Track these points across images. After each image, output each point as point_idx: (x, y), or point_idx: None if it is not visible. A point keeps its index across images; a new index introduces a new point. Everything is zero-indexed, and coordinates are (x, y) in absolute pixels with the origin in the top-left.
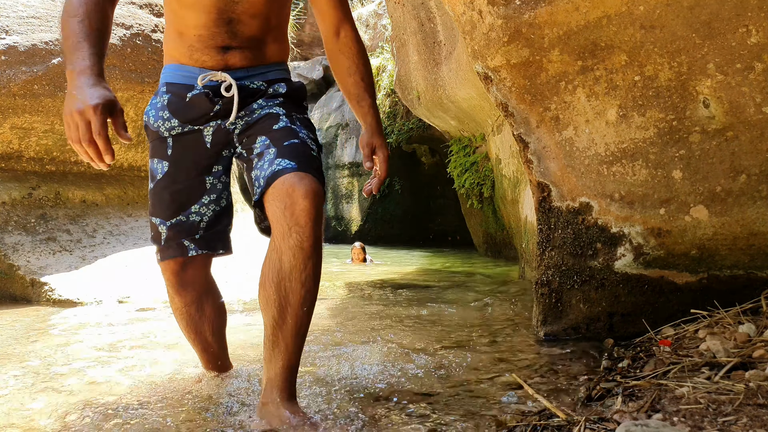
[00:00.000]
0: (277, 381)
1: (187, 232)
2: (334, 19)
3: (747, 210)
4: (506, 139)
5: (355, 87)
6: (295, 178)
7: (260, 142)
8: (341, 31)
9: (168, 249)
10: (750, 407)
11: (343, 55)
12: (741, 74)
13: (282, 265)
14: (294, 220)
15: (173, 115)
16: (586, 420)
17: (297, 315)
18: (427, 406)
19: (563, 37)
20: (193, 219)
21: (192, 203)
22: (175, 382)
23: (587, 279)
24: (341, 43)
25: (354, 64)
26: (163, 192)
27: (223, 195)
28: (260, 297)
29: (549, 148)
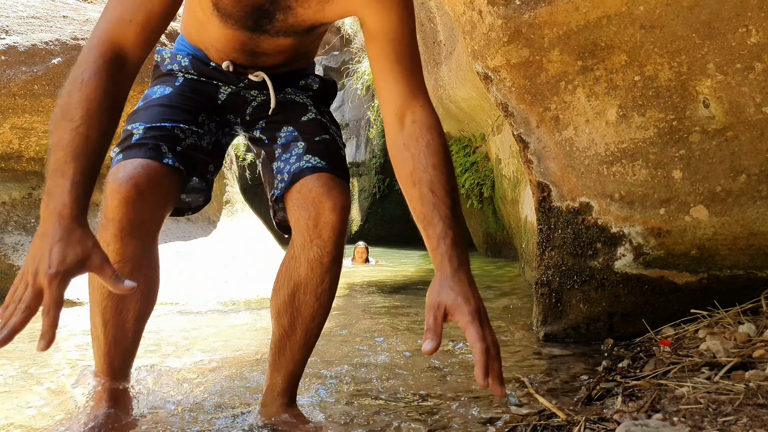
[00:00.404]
0: (280, 387)
1: (167, 138)
2: (398, 96)
3: (747, 210)
4: (506, 139)
5: (422, 203)
6: (324, 187)
7: (286, 132)
8: (407, 114)
9: (139, 149)
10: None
11: (408, 151)
12: (741, 74)
13: (298, 276)
14: (317, 232)
15: (192, 68)
16: (586, 420)
17: (307, 327)
18: (427, 407)
19: (563, 37)
20: (177, 133)
21: (181, 121)
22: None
23: (587, 279)
24: (407, 134)
25: (421, 167)
26: (152, 106)
27: (213, 145)
28: (272, 303)
29: (549, 148)
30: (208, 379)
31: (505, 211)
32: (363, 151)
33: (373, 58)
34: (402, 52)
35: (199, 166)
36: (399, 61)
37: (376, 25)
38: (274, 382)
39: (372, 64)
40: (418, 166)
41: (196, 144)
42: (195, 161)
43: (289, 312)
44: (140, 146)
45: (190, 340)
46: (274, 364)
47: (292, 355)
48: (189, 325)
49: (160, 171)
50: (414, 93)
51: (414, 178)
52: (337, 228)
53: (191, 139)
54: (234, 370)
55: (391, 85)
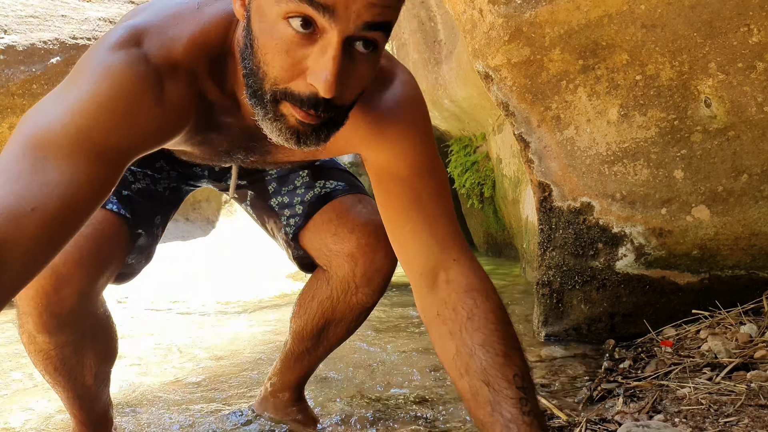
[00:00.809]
0: (292, 384)
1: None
2: (422, 253)
3: (749, 210)
4: (507, 138)
5: (476, 403)
6: (371, 225)
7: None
8: (440, 274)
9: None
10: (752, 408)
11: (444, 325)
12: (743, 73)
13: (333, 314)
14: (366, 280)
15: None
16: (588, 421)
17: (330, 347)
18: (427, 408)
19: (564, 36)
20: (126, 174)
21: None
22: (179, 384)
23: (588, 279)
24: (440, 301)
25: (467, 350)
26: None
27: (170, 191)
28: (295, 324)
29: (550, 148)
30: (208, 380)
31: (506, 211)
32: None
33: (384, 204)
34: (423, 192)
35: (146, 216)
36: (419, 205)
37: (383, 163)
38: (288, 380)
39: (382, 210)
40: (462, 350)
41: (149, 189)
42: (143, 209)
43: (316, 340)
44: None
45: (189, 340)
46: (290, 366)
47: (310, 364)
48: (188, 325)
49: (102, 221)
50: (445, 246)
51: (459, 366)
52: (390, 273)
53: (143, 183)
54: (235, 371)
55: (412, 239)
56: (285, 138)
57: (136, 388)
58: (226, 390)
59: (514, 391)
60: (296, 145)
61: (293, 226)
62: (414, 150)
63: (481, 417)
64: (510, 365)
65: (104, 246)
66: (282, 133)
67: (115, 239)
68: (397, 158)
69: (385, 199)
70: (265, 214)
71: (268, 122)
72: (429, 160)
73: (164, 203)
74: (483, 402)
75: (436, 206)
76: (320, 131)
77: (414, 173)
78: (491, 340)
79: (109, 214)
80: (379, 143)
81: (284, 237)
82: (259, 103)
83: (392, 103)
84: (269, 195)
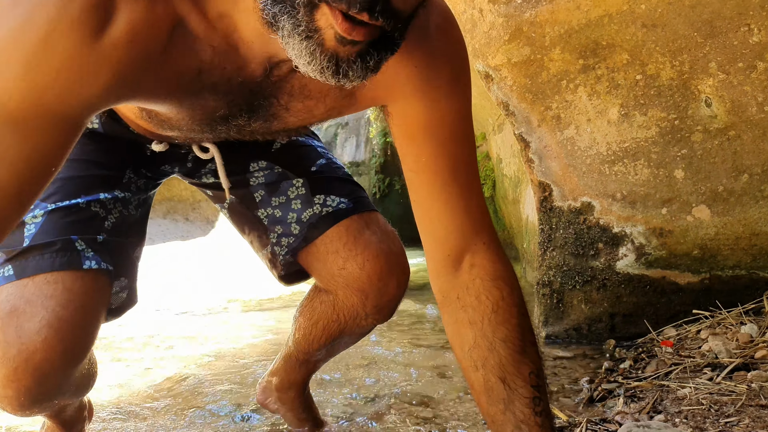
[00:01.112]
0: (297, 382)
1: (82, 224)
2: (453, 232)
3: (749, 210)
4: (507, 138)
5: (489, 399)
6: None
7: (259, 167)
8: (466, 257)
9: (41, 255)
10: (752, 408)
11: (464, 313)
12: (743, 73)
13: (341, 335)
14: (377, 308)
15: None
16: (588, 421)
17: (336, 353)
18: (427, 408)
19: (564, 35)
20: (96, 210)
21: (99, 188)
22: (179, 383)
23: (589, 279)
24: (462, 285)
25: (486, 344)
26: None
27: (140, 204)
28: (299, 341)
29: (550, 148)
30: (208, 380)
31: (506, 211)
32: (363, 151)
33: (414, 169)
34: (459, 160)
35: (126, 255)
36: (456, 175)
37: (421, 121)
38: (295, 379)
39: (411, 178)
40: (481, 342)
41: (122, 217)
42: (122, 249)
43: (322, 354)
44: (42, 249)
45: (189, 340)
46: (296, 367)
47: (315, 365)
48: (187, 325)
49: (80, 286)
50: (477, 227)
51: (475, 358)
52: (401, 297)
53: (115, 214)
54: (235, 371)
55: (446, 214)
56: (319, 66)
57: (136, 387)
58: (225, 390)
59: (528, 390)
60: (333, 77)
61: (286, 247)
62: (457, 109)
63: (492, 413)
64: (527, 362)
65: (88, 317)
66: (315, 58)
67: (98, 302)
68: (438, 115)
69: (416, 163)
70: (246, 223)
71: (296, 40)
72: (467, 125)
73: (139, 223)
74: (496, 399)
75: (472, 179)
76: (368, 56)
77: (452, 137)
78: (512, 336)
79: (87, 277)
80: (421, 95)
81: (269, 255)
82: (287, 11)
83: (440, 48)
84: (255, 204)
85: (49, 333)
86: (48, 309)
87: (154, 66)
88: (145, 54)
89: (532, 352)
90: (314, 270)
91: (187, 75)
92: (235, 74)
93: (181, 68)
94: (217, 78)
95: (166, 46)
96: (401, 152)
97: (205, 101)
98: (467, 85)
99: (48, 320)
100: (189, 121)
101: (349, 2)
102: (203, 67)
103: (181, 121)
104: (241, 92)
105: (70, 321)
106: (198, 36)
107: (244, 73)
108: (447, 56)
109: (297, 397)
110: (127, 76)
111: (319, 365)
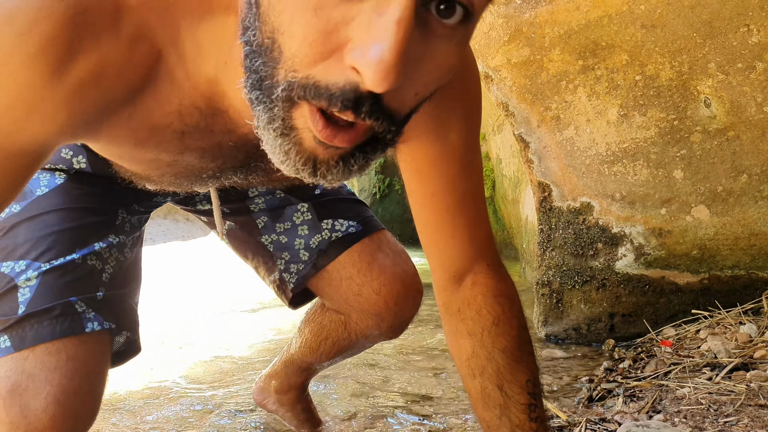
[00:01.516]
0: (297, 385)
1: (81, 284)
2: (457, 258)
3: (748, 210)
4: (506, 138)
5: (485, 405)
6: (398, 280)
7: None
8: (468, 276)
9: (39, 323)
10: (751, 408)
11: (463, 324)
12: (742, 74)
13: (351, 350)
14: (392, 329)
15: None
16: (587, 420)
17: (339, 361)
18: (427, 408)
19: (564, 36)
20: (92, 263)
21: (94, 237)
22: (178, 383)
23: (588, 279)
24: (463, 300)
25: (485, 353)
26: (41, 216)
27: (133, 248)
28: (307, 353)
29: (550, 148)
30: (208, 379)
31: (506, 211)
32: None
33: (422, 204)
34: (467, 193)
35: (126, 308)
36: (463, 208)
37: (431, 158)
38: (295, 382)
39: (418, 212)
40: (480, 352)
41: (120, 265)
42: (121, 301)
43: (330, 360)
44: (41, 317)
45: (189, 340)
46: (297, 371)
47: (315, 372)
48: (188, 325)
49: (83, 351)
50: (480, 251)
51: (473, 367)
52: (412, 319)
53: (112, 263)
54: (234, 371)
55: (452, 244)
56: (293, 167)
57: (136, 387)
58: (225, 389)
59: (525, 397)
60: (310, 178)
61: (295, 274)
62: (466, 143)
63: (488, 419)
64: (524, 371)
65: (93, 382)
66: (290, 158)
67: (103, 364)
68: (447, 150)
69: (423, 198)
70: (249, 249)
71: (271, 136)
72: (476, 155)
73: (135, 264)
74: (493, 405)
75: (479, 208)
76: (352, 159)
77: (461, 171)
78: (511, 346)
79: (90, 341)
80: (432, 133)
81: (276, 282)
82: (264, 101)
83: (456, 86)
84: (258, 231)
85: (57, 410)
86: (53, 383)
87: (121, 112)
88: (111, 99)
89: (529, 361)
90: (325, 295)
91: (166, 133)
92: (225, 138)
93: (157, 123)
94: (204, 143)
95: (139, 95)
96: (408, 187)
97: (189, 163)
98: (478, 121)
99: (54, 396)
100: (173, 179)
101: (330, 99)
102: (186, 130)
103: (163, 179)
104: (234, 155)
105: (77, 392)
106: (183, 95)
107: (235, 136)
108: (462, 96)
109: (296, 399)
110: (86, 119)
111: (319, 370)
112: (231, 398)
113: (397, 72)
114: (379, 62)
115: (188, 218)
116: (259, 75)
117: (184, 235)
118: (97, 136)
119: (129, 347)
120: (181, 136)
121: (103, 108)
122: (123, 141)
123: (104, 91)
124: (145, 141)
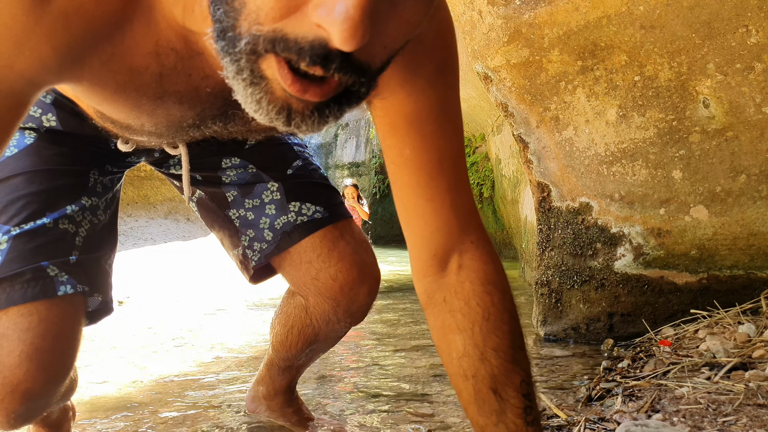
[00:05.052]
0: (283, 389)
1: (52, 246)
2: (438, 229)
3: (747, 210)
4: (506, 139)
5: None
6: (354, 267)
7: (232, 164)
8: (453, 257)
9: (11, 287)
10: (750, 407)
11: (452, 317)
12: (741, 74)
13: (317, 339)
14: (348, 314)
15: (64, 128)
16: (586, 420)
17: (316, 357)
18: (426, 406)
19: (563, 37)
20: (65, 227)
21: (66, 199)
22: (178, 381)
23: (587, 279)
24: (449, 288)
25: (478, 353)
26: (11, 179)
27: (108, 205)
28: (277, 348)
29: (549, 148)
30: (207, 378)
31: (505, 211)
32: (363, 151)
33: (399, 165)
34: (446, 153)
35: (99, 270)
36: (440, 173)
37: (405, 113)
38: (280, 385)
39: (395, 175)
40: (472, 352)
41: (93, 229)
42: (94, 264)
43: (301, 359)
44: (12, 281)
45: (189, 339)
46: (279, 374)
47: (298, 372)
48: (188, 324)
49: (56, 313)
50: (465, 223)
51: (465, 367)
52: (372, 303)
53: (85, 227)
54: (234, 369)
55: (433, 212)
56: (267, 116)
57: (135, 385)
58: (224, 388)
59: (519, 400)
60: (286, 126)
61: (258, 252)
62: (443, 99)
63: (483, 424)
64: (517, 370)
65: (66, 341)
66: (262, 107)
67: (76, 324)
68: (423, 106)
69: (399, 157)
70: (216, 221)
71: (241, 86)
72: (455, 117)
73: (109, 227)
74: (489, 411)
75: (460, 174)
76: (327, 109)
77: (438, 129)
78: (504, 345)
79: (62, 303)
80: (405, 85)
81: (240, 257)
82: (230, 52)
83: (426, 33)
84: (227, 203)
85: (30, 365)
86: (25, 342)
87: (102, 50)
88: (92, 32)
89: (522, 358)
90: (286, 274)
91: (145, 76)
92: (203, 83)
93: (137, 65)
94: (182, 86)
95: (118, 32)
96: (384, 145)
97: (169, 109)
98: (455, 74)
99: (27, 353)
100: (153, 128)
101: (300, 52)
102: (164, 72)
103: (143, 128)
104: (212, 102)
105: (50, 350)
106: (159, 35)
107: (212, 81)
108: (434, 48)
109: (285, 403)
110: (69, 53)
111: (301, 370)
112: (231, 397)
113: (364, 29)
114: (345, 20)
115: (189, 218)
116: (222, 25)
117: (185, 235)
118: (80, 77)
119: (102, 307)
120: (159, 78)
121: (85, 42)
122: (105, 84)
123: (85, 23)
124: (125, 84)
